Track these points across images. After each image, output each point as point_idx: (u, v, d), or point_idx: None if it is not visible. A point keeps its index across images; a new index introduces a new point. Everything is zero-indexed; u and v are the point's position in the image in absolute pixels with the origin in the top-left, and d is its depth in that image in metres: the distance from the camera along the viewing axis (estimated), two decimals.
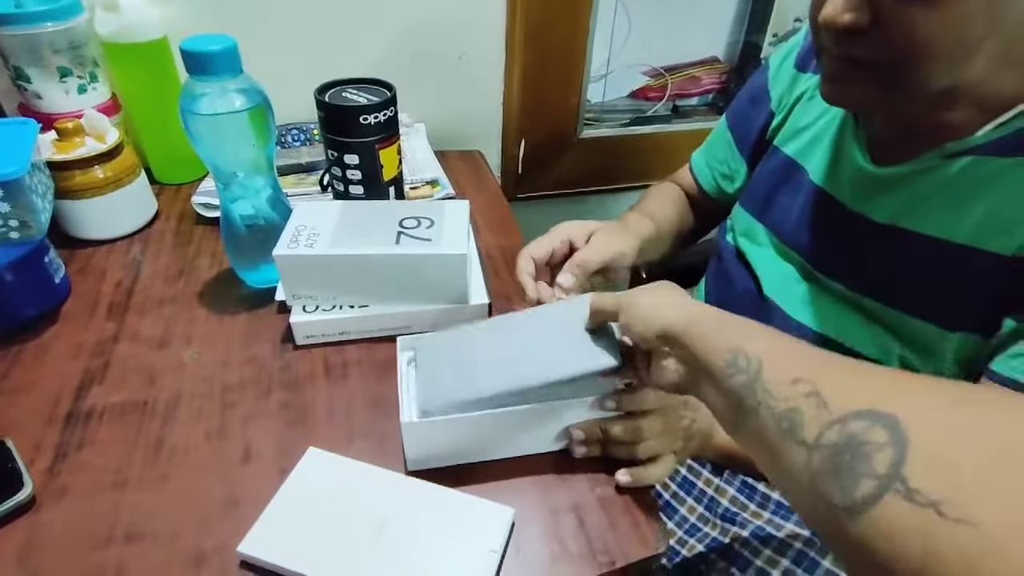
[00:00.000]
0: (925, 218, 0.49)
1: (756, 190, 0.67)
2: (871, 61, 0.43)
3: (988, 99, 0.45)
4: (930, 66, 0.41)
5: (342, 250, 0.54)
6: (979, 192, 0.46)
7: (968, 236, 0.46)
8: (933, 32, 0.39)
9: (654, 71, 1.12)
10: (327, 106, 0.61)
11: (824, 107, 0.60)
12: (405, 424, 0.44)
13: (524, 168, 1.03)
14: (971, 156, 0.46)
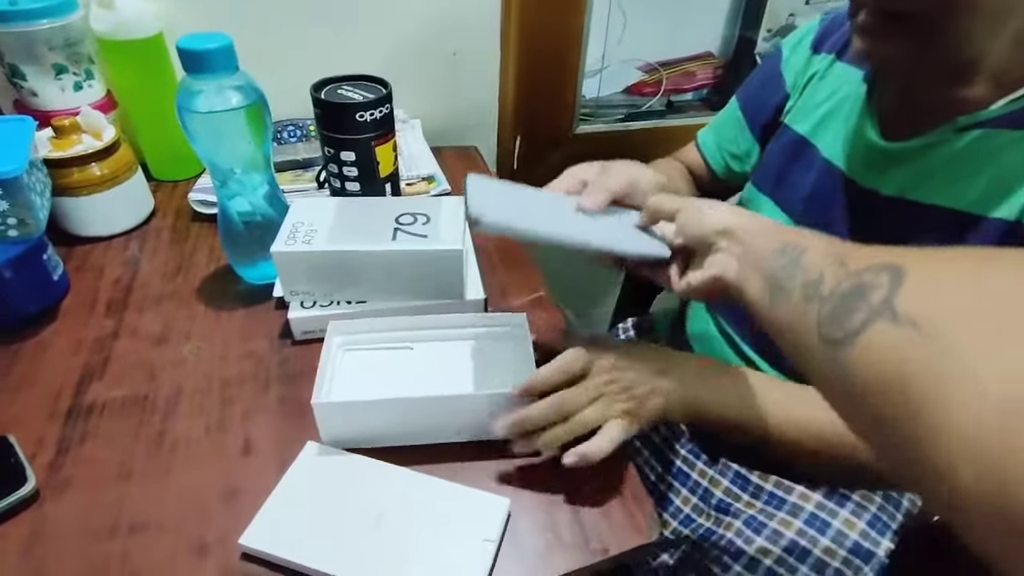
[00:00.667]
0: (932, 190, 0.51)
1: (768, 168, 0.68)
2: (910, 13, 0.43)
3: (1006, 75, 0.46)
4: (968, 24, 0.42)
5: (339, 246, 0.55)
6: (985, 163, 0.47)
7: (972, 204, 0.48)
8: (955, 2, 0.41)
9: (649, 66, 1.13)
10: (323, 103, 0.62)
11: (835, 86, 0.61)
12: (317, 405, 0.45)
13: (520, 164, 1.03)
14: (981, 129, 0.47)
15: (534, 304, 0.65)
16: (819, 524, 0.61)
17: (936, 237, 0.50)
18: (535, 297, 0.66)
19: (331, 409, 0.46)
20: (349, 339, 0.53)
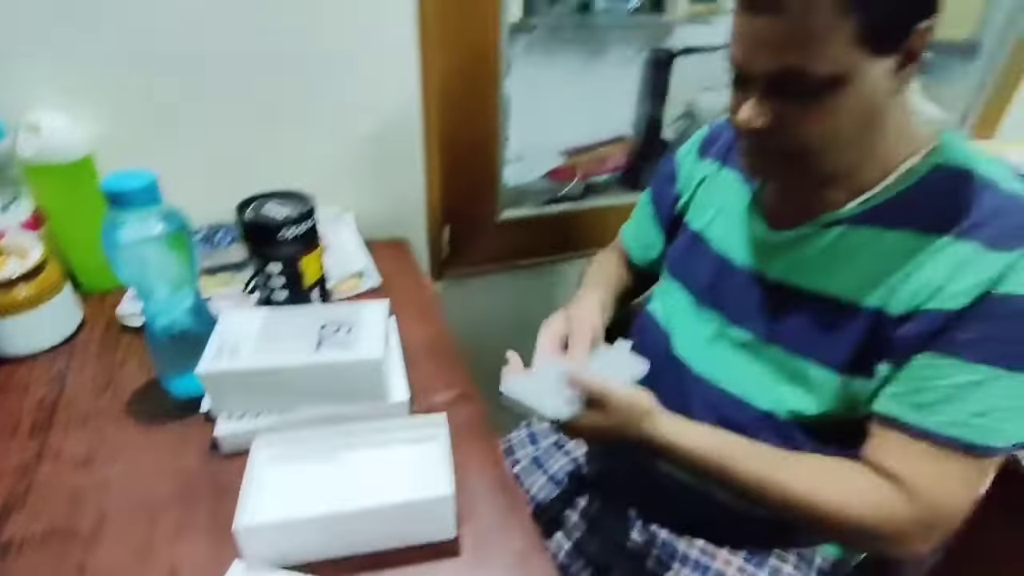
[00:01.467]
0: (808, 276, 0.60)
1: (674, 256, 0.77)
2: (779, 151, 0.55)
3: (856, 181, 0.57)
4: (826, 152, 0.54)
5: (263, 362, 0.58)
6: (851, 256, 0.58)
7: (841, 291, 0.58)
8: (815, 137, 0.52)
9: (566, 152, 1.22)
10: (248, 224, 0.66)
11: (723, 189, 0.71)
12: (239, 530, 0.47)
13: (450, 251, 1.09)
14: (842, 226, 0.58)
15: (457, 399, 0.68)
16: None
17: (814, 318, 0.60)
18: (458, 393, 0.69)
19: (254, 532, 0.48)
20: (275, 453, 0.56)
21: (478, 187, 1.06)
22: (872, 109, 0.51)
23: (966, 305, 0.50)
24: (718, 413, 0.66)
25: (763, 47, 0.50)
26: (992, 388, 0.50)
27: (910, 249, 0.54)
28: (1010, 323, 0.50)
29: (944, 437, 0.52)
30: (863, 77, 0.49)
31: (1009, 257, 0.49)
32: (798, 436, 0.62)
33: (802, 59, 0.48)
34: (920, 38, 0.48)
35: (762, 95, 0.52)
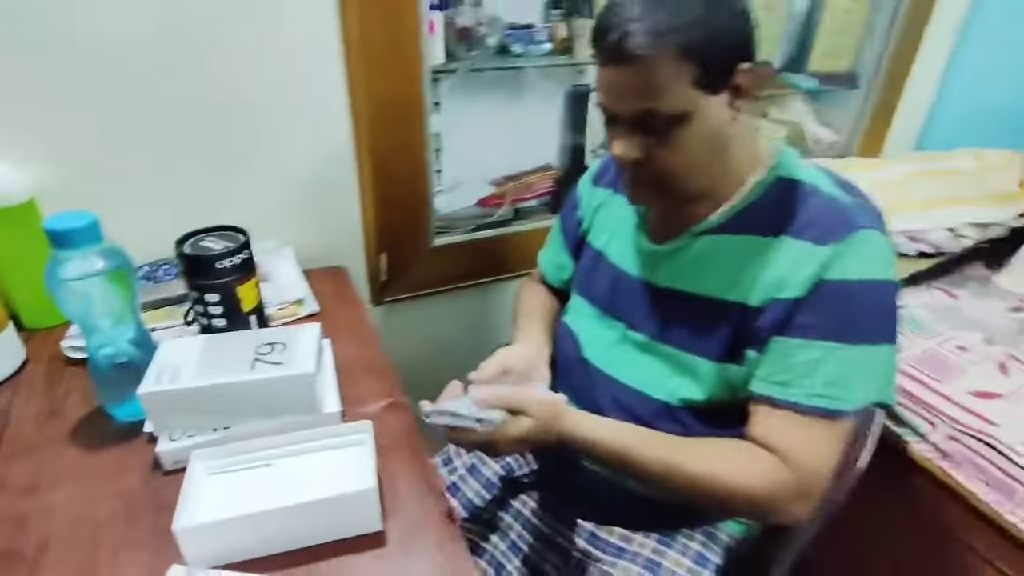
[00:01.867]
0: (685, 280, 0.71)
1: (580, 275, 0.86)
2: (650, 179, 0.65)
3: (715, 196, 0.68)
4: (681, 181, 0.65)
5: (201, 382, 0.63)
6: (715, 260, 0.68)
7: (711, 291, 0.68)
8: (675, 164, 0.63)
9: (496, 180, 1.32)
10: (186, 256, 0.71)
11: (616, 212, 0.81)
12: (178, 530, 0.52)
13: (388, 276, 1.16)
14: (708, 236, 0.69)
15: (387, 409, 0.75)
16: (652, 566, 0.73)
17: (695, 315, 0.70)
18: (389, 403, 0.76)
19: (192, 532, 0.53)
20: (212, 464, 0.61)
21: (412, 216, 1.14)
22: (717, 136, 0.62)
23: (803, 294, 0.61)
24: (622, 406, 0.75)
25: (623, 93, 0.60)
26: (834, 360, 0.61)
27: (760, 250, 0.65)
28: (839, 305, 0.61)
29: (806, 407, 0.61)
30: (704, 111, 0.60)
31: (831, 250, 0.61)
32: (689, 421, 0.71)
33: (654, 101, 0.59)
34: (743, 76, 0.60)
35: (629, 131, 0.62)
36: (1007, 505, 0.88)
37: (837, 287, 0.60)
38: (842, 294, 0.60)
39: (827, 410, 0.61)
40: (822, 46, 1.48)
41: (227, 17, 0.89)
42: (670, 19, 0.55)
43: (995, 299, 1.26)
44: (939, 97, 1.57)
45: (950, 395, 0.99)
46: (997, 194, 1.30)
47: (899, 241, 1.22)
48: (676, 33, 0.55)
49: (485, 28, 1.11)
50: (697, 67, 0.57)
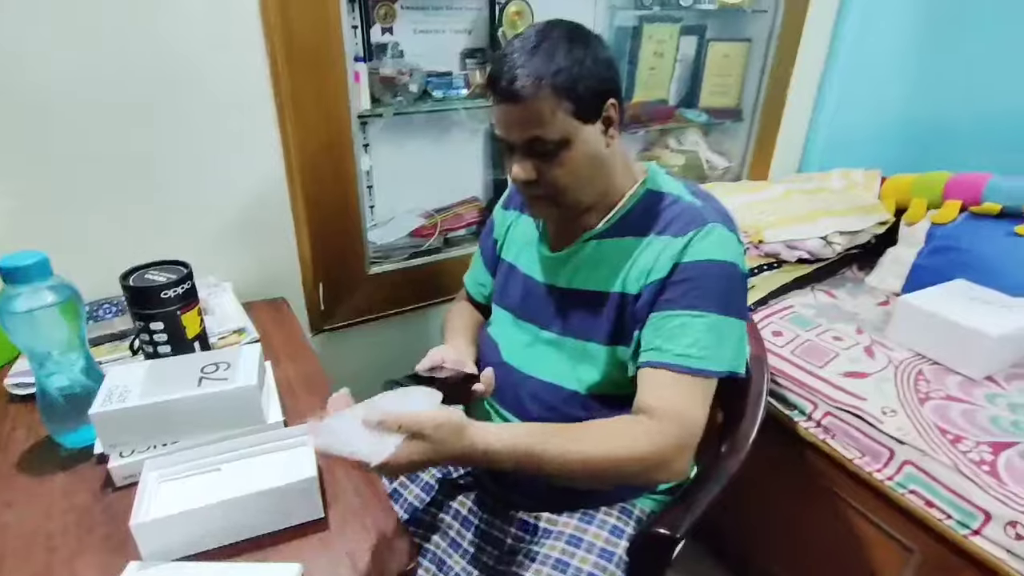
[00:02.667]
0: (579, 279, 0.83)
1: (497, 288, 0.97)
2: (544, 195, 0.77)
3: (601, 208, 0.82)
4: (570, 195, 0.77)
5: (150, 399, 0.69)
6: (601, 260, 0.81)
7: (599, 286, 0.80)
8: (563, 180, 0.75)
9: (427, 213, 1.42)
10: (131, 289, 0.77)
11: (524, 230, 0.93)
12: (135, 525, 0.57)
13: (325, 305, 1.23)
14: (595, 241, 0.82)
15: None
16: (575, 541, 0.82)
17: (589, 308, 0.82)
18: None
19: (149, 527, 0.58)
20: (164, 472, 0.66)
21: (347, 248, 1.22)
22: (595, 157, 0.76)
23: (666, 274, 0.75)
24: (540, 399, 0.85)
25: (515, 125, 0.73)
26: (693, 326, 0.73)
27: (634, 248, 0.79)
28: (693, 279, 0.74)
29: (675, 366, 0.72)
30: (582, 137, 0.73)
31: (685, 239, 0.75)
32: (594, 407, 0.82)
33: (540, 130, 0.72)
34: (611, 110, 0.75)
35: (523, 157, 0.75)
36: (875, 466, 1.03)
37: (690, 265, 0.74)
38: (695, 270, 0.74)
39: (692, 368, 0.72)
40: (709, 86, 1.70)
41: (167, 73, 0.98)
42: (546, 67, 0.69)
43: (867, 296, 1.45)
44: (811, 127, 1.82)
45: (827, 377, 1.14)
46: (861, 206, 1.52)
47: (778, 249, 1.40)
48: (551, 77, 0.69)
49: (407, 77, 1.23)
50: (571, 103, 0.71)
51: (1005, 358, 1.13)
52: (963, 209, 1.38)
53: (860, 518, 1.06)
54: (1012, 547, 0.85)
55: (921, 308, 1.18)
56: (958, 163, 1.45)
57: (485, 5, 1.35)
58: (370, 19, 1.23)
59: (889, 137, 1.65)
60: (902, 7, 1.57)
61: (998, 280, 1.23)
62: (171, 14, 0.95)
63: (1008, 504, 0.86)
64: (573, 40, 0.71)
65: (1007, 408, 1.04)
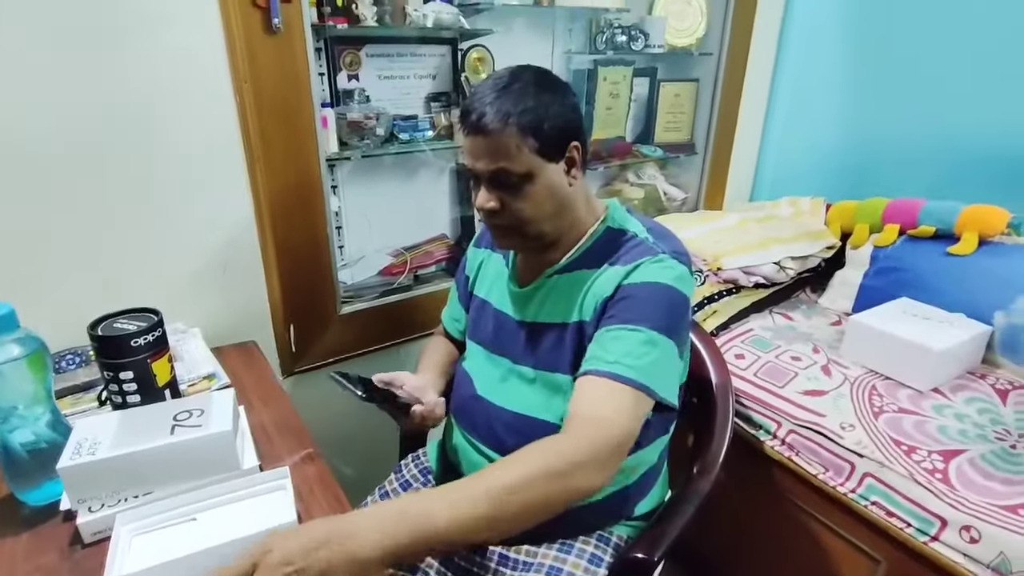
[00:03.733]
0: (545, 313, 0.86)
1: (471, 323, 0.99)
2: (507, 225, 0.81)
3: (564, 245, 0.85)
4: (531, 227, 0.81)
5: (121, 450, 0.68)
6: (563, 293, 0.84)
7: (561, 318, 0.84)
8: (525, 211, 0.79)
9: (397, 251, 1.44)
10: (100, 338, 0.77)
11: (494, 267, 0.96)
12: None
13: (297, 347, 1.23)
14: (557, 275, 0.86)
15: (303, 460, 0.82)
16: (555, 572, 0.83)
17: (555, 340, 0.85)
18: (305, 454, 0.83)
19: None
20: (137, 525, 0.65)
21: (317, 289, 1.23)
22: (557, 193, 0.80)
23: (609, 295, 0.79)
24: (516, 431, 0.86)
25: (483, 156, 0.77)
26: (626, 339, 0.75)
27: (588, 279, 0.83)
28: (631, 298, 0.78)
29: (604, 372, 0.73)
30: (545, 174, 0.78)
31: (631, 266, 0.79)
32: None
33: (506, 163, 0.76)
34: (574, 151, 0.79)
35: (488, 187, 0.79)
36: (838, 480, 1.07)
37: (631, 287, 0.78)
38: (635, 290, 0.78)
39: (619, 375, 0.72)
40: (662, 123, 1.79)
41: (135, 121, 0.99)
42: (514, 106, 0.74)
43: (820, 316, 1.53)
44: (759, 159, 1.92)
45: (788, 396, 1.19)
46: (809, 232, 1.61)
47: (736, 275, 1.47)
48: (517, 116, 0.74)
49: (373, 121, 1.26)
50: (536, 141, 0.76)
51: (949, 371, 1.21)
52: (902, 232, 1.48)
53: (828, 532, 1.10)
54: (967, 550, 0.90)
55: (869, 326, 1.25)
56: (894, 189, 1.55)
57: (448, 52, 1.40)
58: (336, 67, 1.27)
59: (830, 167, 1.77)
60: (833, 49, 1.70)
61: (937, 297, 1.32)
62: (141, 65, 0.97)
63: (960, 509, 0.91)
64: (541, 85, 0.77)
65: (954, 418, 1.10)
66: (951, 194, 1.43)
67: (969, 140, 1.46)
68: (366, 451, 1.32)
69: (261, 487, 0.71)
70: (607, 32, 1.56)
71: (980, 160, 1.44)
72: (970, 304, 1.28)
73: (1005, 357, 1.25)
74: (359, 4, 1.17)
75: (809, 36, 1.74)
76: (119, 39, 0.94)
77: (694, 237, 1.56)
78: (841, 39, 1.67)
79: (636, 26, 1.60)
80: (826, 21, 1.69)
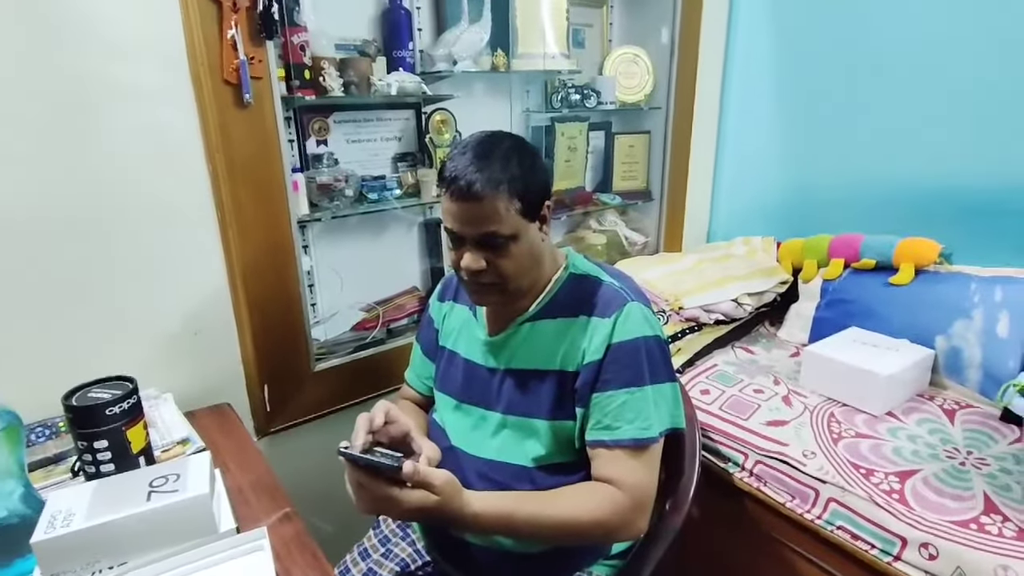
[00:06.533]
0: (517, 360, 0.90)
1: (439, 376, 1.02)
2: (490, 283, 0.85)
3: (533, 294, 0.90)
4: (512, 283, 0.85)
5: (97, 520, 0.68)
6: (536, 341, 0.89)
7: (537, 365, 0.88)
8: (510, 269, 0.83)
9: (369, 306, 1.47)
10: (74, 408, 0.77)
11: (459, 317, 1.00)
12: None
13: (272, 406, 1.23)
14: (528, 323, 0.90)
15: (281, 520, 0.82)
16: None
17: (529, 386, 0.89)
18: (282, 514, 0.84)
19: None
20: None
21: (291, 347, 1.25)
22: (534, 249, 0.86)
23: (601, 356, 0.83)
24: (488, 478, 0.89)
25: (472, 221, 0.81)
26: (633, 401, 0.82)
27: (566, 328, 0.87)
28: (624, 358, 0.83)
29: (627, 441, 0.82)
30: (526, 233, 0.83)
31: (612, 320, 0.84)
32: (539, 477, 0.87)
33: (495, 227, 0.81)
34: (547, 209, 0.86)
35: (475, 248, 0.83)
36: (805, 507, 1.11)
37: (621, 346, 0.83)
38: (625, 350, 0.83)
39: (639, 440, 0.82)
40: (619, 172, 1.89)
41: (107, 188, 1.01)
42: (503, 173, 0.80)
43: (779, 349, 1.60)
44: (712, 202, 2.04)
45: (752, 428, 1.24)
46: (763, 269, 1.70)
47: (697, 313, 1.53)
48: (508, 183, 0.80)
49: (343, 183, 1.32)
50: (521, 203, 0.81)
51: (899, 394, 1.28)
52: (847, 265, 1.58)
53: (801, 559, 1.13)
54: (927, 567, 0.94)
55: (822, 356, 1.32)
56: (836, 225, 1.67)
57: (412, 115, 1.48)
58: (306, 133, 1.33)
59: (778, 207, 1.88)
60: (770, 99, 1.84)
61: (883, 325, 1.40)
62: (116, 138, 1.01)
63: (918, 528, 0.96)
64: (521, 151, 0.83)
65: (907, 439, 1.16)
66: (886, 228, 1.54)
67: (898, 177, 1.58)
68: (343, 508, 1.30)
69: (239, 549, 0.72)
70: (561, 92, 1.67)
71: (910, 195, 1.56)
72: (914, 330, 1.37)
73: (949, 379, 1.33)
74: (326, 76, 1.24)
75: (748, 88, 1.89)
76: (94, 113, 0.98)
77: (655, 279, 1.63)
78: (776, 88, 1.82)
79: (588, 85, 1.71)
80: (762, 73, 1.84)
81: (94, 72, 0.97)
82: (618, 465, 0.82)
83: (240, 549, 0.72)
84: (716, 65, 1.90)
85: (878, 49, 1.57)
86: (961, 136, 1.45)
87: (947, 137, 1.48)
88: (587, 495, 0.82)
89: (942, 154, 1.50)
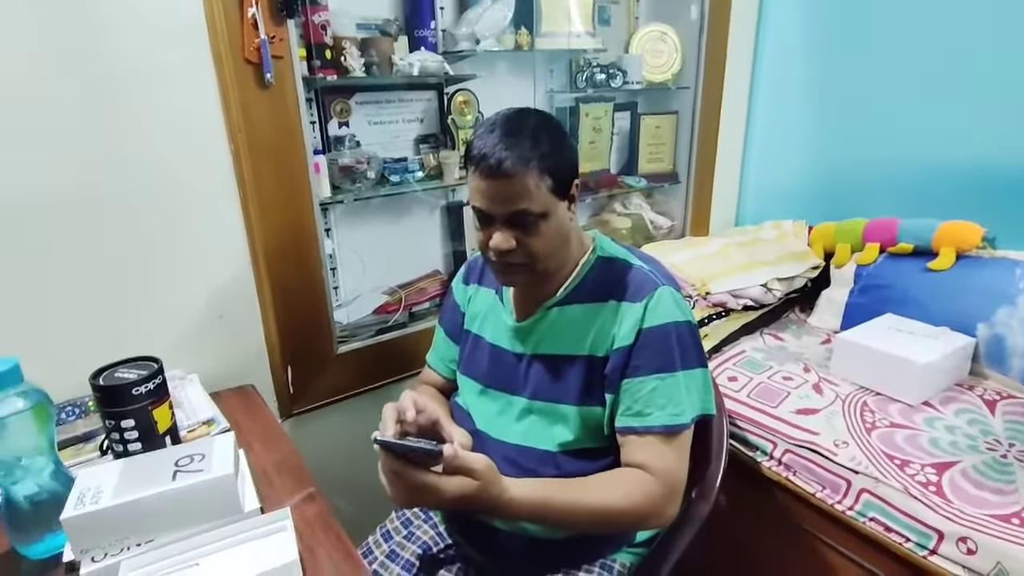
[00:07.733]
0: (544, 345, 0.89)
1: (463, 359, 1.01)
2: (519, 263, 0.83)
3: (560, 278, 0.88)
4: (542, 263, 0.83)
5: (125, 498, 0.69)
6: (565, 326, 0.87)
7: (565, 350, 0.86)
8: (540, 248, 0.81)
9: (391, 290, 1.47)
10: (101, 387, 0.78)
11: (483, 301, 0.98)
12: None
13: (295, 388, 1.24)
14: (556, 308, 0.88)
15: (304, 501, 0.82)
16: None
17: (556, 371, 0.87)
18: (306, 494, 0.84)
19: None
20: (141, 572, 0.65)
21: (314, 330, 1.25)
22: (563, 229, 0.84)
23: (632, 342, 0.81)
24: (515, 463, 0.88)
25: (502, 199, 0.79)
26: (664, 387, 0.80)
27: (595, 313, 0.85)
28: (656, 343, 0.81)
29: (658, 427, 0.80)
30: (556, 211, 0.81)
31: (642, 305, 0.82)
32: (564, 461, 0.86)
33: (526, 204, 0.78)
34: (575, 188, 0.84)
35: (504, 227, 0.81)
36: (835, 498, 1.08)
37: (652, 331, 0.81)
38: (656, 335, 0.81)
39: (670, 426, 0.80)
40: (645, 154, 1.85)
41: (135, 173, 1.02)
42: (533, 150, 0.77)
43: (810, 336, 1.56)
44: (741, 184, 1.98)
45: (782, 416, 1.21)
46: (793, 254, 1.65)
47: (724, 299, 1.50)
48: (538, 159, 0.77)
49: (364, 165, 1.30)
50: (551, 180, 0.79)
51: (936, 383, 1.23)
52: (882, 250, 1.52)
53: (830, 550, 1.10)
54: (966, 562, 0.90)
55: (856, 343, 1.28)
56: (870, 209, 1.60)
57: (434, 96, 1.46)
58: (327, 115, 1.32)
59: (809, 190, 1.82)
60: (802, 77, 1.77)
61: (920, 312, 1.35)
62: (140, 120, 1.01)
63: (956, 521, 0.92)
64: (549, 128, 0.81)
65: (945, 430, 1.12)
66: (925, 211, 1.48)
67: (937, 158, 1.51)
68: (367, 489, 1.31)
69: (262, 529, 0.72)
70: (587, 71, 1.63)
71: (950, 177, 1.49)
72: (953, 317, 1.31)
73: (990, 368, 1.28)
74: (347, 56, 1.22)
75: (779, 66, 1.82)
76: (117, 95, 0.98)
77: (681, 263, 1.60)
78: (808, 67, 1.75)
79: (614, 64, 1.67)
80: (794, 50, 1.77)
81: (119, 51, 0.97)
82: (649, 451, 0.80)
83: (264, 529, 0.72)
84: (747, 42, 1.83)
85: (916, 25, 1.50)
86: (1005, 114, 1.38)
87: (989, 116, 1.40)
88: (618, 482, 0.80)
89: (984, 134, 1.42)
